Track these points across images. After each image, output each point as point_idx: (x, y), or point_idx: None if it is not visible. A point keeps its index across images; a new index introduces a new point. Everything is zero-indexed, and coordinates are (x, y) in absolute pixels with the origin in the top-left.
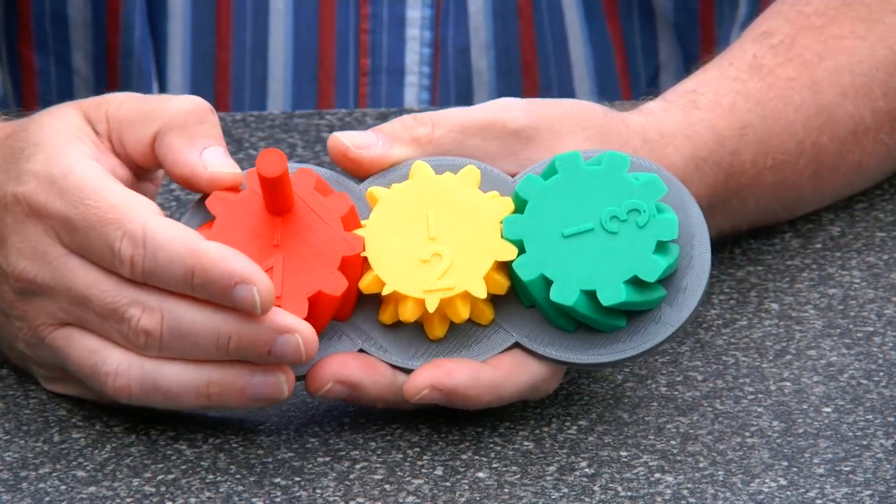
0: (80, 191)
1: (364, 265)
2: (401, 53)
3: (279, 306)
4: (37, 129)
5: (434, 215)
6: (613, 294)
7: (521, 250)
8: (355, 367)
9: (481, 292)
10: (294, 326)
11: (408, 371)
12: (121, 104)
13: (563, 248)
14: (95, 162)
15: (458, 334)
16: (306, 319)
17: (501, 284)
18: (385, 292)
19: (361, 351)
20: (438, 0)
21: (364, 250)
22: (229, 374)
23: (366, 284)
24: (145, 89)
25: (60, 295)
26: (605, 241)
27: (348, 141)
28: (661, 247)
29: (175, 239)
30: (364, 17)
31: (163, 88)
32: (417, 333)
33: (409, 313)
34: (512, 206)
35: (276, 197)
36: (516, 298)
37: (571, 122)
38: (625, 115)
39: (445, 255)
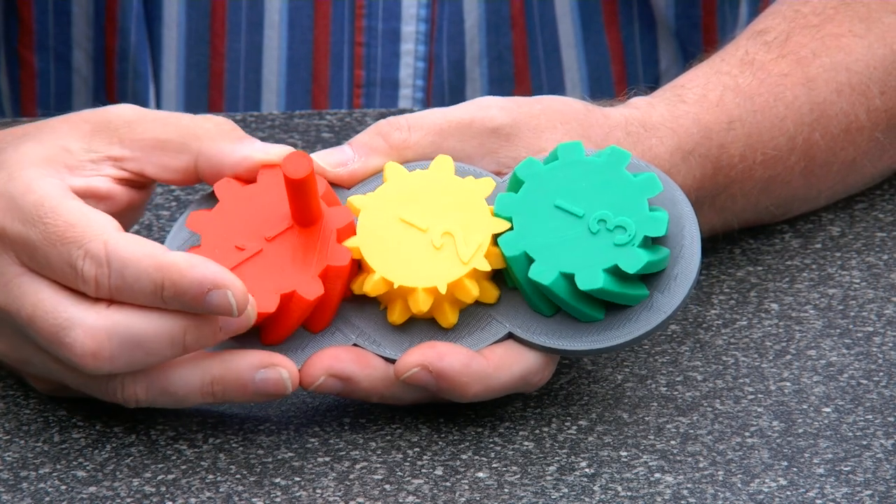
0: (38, 209)
1: (363, 269)
2: (395, 67)
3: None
4: (11, 149)
5: (420, 207)
6: (591, 279)
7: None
8: (348, 360)
9: (486, 265)
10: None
11: None
12: (135, 127)
13: (549, 231)
14: (56, 180)
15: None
16: (274, 316)
17: (501, 258)
18: (396, 286)
19: (355, 346)
20: (433, 15)
21: (349, 264)
22: (232, 371)
23: (370, 287)
24: (142, 92)
25: (13, 317)
26: (589, 231)
27: (324, 162)
28: (649, 242)
29: (139, 254)
30: (359, 30)
31: (158, 94)
32: (410, 327)
33: (421, 304)
34: (493, 184)
35: (302, 202)
36: (509, 292)
37: (550, 118)
38: (606, 109)
39: (456, 232)
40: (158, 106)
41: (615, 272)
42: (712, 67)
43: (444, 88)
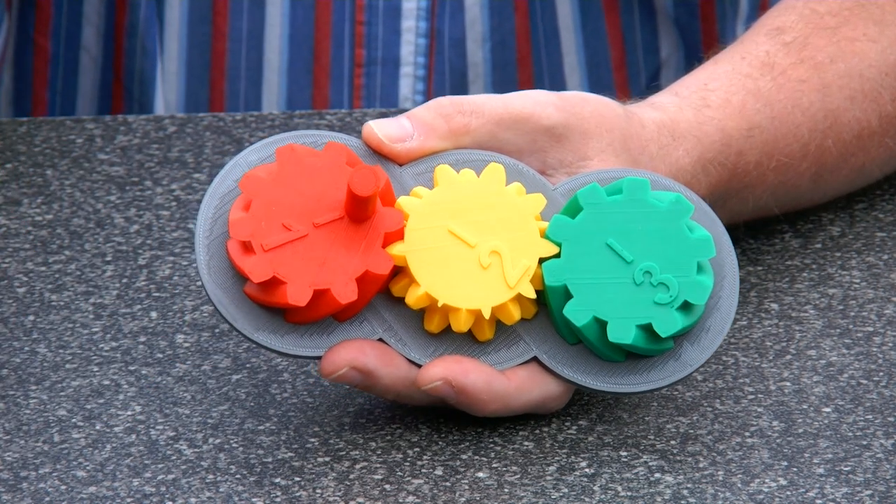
0: None
1: (404, 274)
2: (396, 45)
3: (283, 282)
4: None
5: (469, 220)
6: (623, 333)
7: (557, 255)
8: (373, 355)
9: (531, 292)
10: None
11: None
12: None
13: (594, 269)
14: None
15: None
16: (304, 307)
17: (542, 280)
18: (440, 304)
19: (380, 340)
20: None
21: (389, 273)
22: None
23: (414, 300)
24: (149, 70)
25: None
26: (633, 281)
27: (382, 134)
28: (688, 306)
29: None
30: (359, 7)
31: (162, 73)
32: (439, 333)
33: (462, 324)
34: (544, 202)
35: (360, 207)
36: (543, 309)
37: (598, 123)
38: (641, 115)
39: (503, 252)
40: (164, 84)
41: (647, 329)
42: (734, 67)
43: (445, 68)
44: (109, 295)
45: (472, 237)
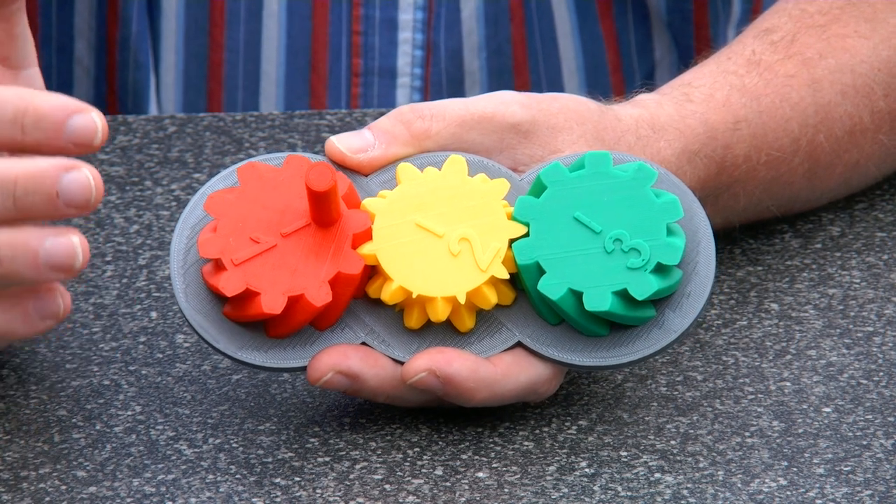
0: None
1: (378, 273)
2: (392, 55)
3: (257, 294)
4: None
5: (436, 211)
6: (599, 301)
7: (526, 234)
8: (356, 358)
9: (504, 273)
10: (79, 163)
11: None
12: None
13: (564, 243)
14: None
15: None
16: (282, 316)
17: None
18: (415, 295)
19: (364, 344)
20: (430, 3)
21: (361, 273)
22: (21, 236)
23: (388, 295)
24: (143, 82)
25: None
26: (604, 250)
27: (344, 147)
28: (662, 268)
29: (3, 87)
30: (356, 18)
31: (158, 85)
32: (420, 329)
33: (440, 313)
34: (507, 186)
35: (323, 208)
36: (523, 294)
37: (567, 117)
38: (617, 110)
39: (473, 238)
40: (158, 97)
41: (624, 295)
42: (719, 66)
43: (441, 78)
44: (109, 295)
45: (439, 227)
